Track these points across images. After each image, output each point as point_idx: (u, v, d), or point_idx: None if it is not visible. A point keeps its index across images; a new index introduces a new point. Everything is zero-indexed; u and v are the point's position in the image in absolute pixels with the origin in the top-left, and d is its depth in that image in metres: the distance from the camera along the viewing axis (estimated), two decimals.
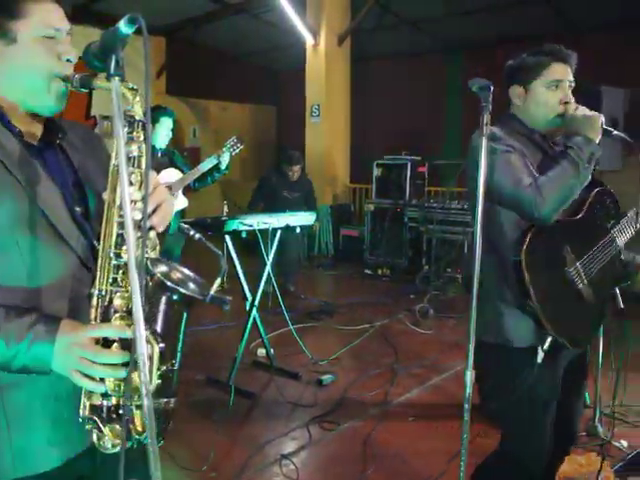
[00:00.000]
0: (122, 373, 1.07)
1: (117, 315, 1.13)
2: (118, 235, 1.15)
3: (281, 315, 4.75)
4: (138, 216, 1.10)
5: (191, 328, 4.66)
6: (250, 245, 4.65)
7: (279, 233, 4.47)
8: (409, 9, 9.81)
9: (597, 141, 2.01)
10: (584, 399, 2.28)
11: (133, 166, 1.13)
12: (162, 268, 1.16)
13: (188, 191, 4.77)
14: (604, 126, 2.04)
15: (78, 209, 1.27)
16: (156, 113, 4.56)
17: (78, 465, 1.26)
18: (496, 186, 1.93)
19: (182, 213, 4.85)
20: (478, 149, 1.85)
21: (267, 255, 4.37)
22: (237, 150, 4.64)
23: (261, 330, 4.46)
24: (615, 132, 2.10)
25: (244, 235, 4.12)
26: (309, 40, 9.83)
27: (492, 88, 1.74)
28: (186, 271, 1.23)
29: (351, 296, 7.04)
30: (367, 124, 11.18)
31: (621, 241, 2.18)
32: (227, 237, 4.16)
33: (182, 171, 4.59)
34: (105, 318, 1.14)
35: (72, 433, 1.20)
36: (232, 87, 12.68)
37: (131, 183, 1.14)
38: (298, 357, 4.76)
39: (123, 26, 0.92)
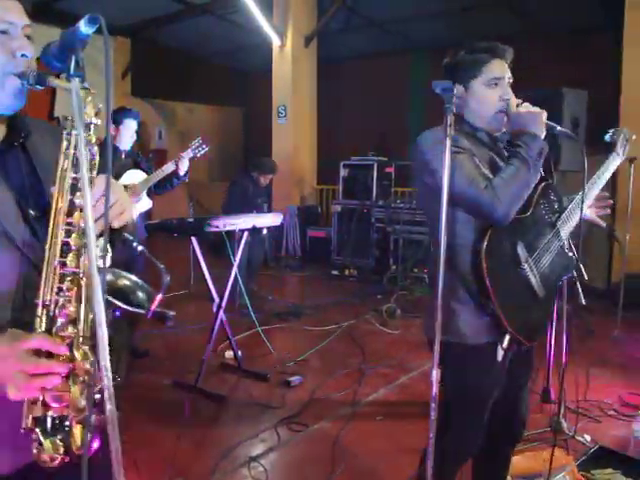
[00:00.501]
0: (56, 381, 1.04)
1: (60, 325, 1.10)
2: (64, 243, 1.12)
3: (248, 317, 4.73)
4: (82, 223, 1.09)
5: (156, 331, 4.64)
6: (217, 246, 4.62)
7: (246, 235, 4.45)
8: (375, 10, 9.87)
9: (542, 136, 2.03)
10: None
11: (76, 168, 1.11)
12: (107, 277, 1.12)
13: (152, 194, 4.73)
14: (547, 122, 2.07)
15: (33, 212, 1.23)
16: (120, 115, 4.50)
17: (31, 476, 1.20)
18: (454, 189, 1.90)
19: (147, 215, 4.80)
20: (425, 152, 1.99)
21: (234, 256, 4.34)
22: (202, 152, 4.61)
23: (228, 332, 4.43)
24: (559, 128, 2.12)
25: (210, 237, 4.09)
26: (276, 41, 9.82)
27: (455, 90, 1.76)
28: (133, 278, 1.19)
29: (318, 297, 7.05)
30: (334, 125, 11.22)
31: (565, 233, 2.21)
32: (193, 239, 4.13)
33: (146, 173, 4.55)
34: (49, 328, 1.10)
35: (19, 443, 1.15)
36: (198, 88, 12.61)
37: (74, 187, 1.13)
38: (266, 359, 4.75)
39: (83, 26, 0.90)
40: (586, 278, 3.60)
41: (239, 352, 4.54)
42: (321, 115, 10.50)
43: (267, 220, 4.60)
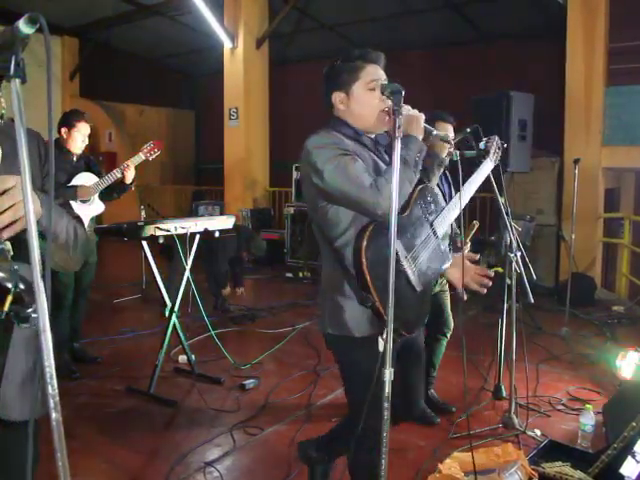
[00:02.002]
0: None
1: None
2: None
3: (201, 320, 4.69)
4: None
5: (107, 337, 4.55)
6: (170, 250, 4.58)
7: (197, 238, 4.41)
8: (326, 13, 9.92)
9: (421, 138, 2.13)
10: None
11: None
12: None
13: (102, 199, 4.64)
14: (425, 125, 2.16)
15: None
16: (73, 117, 4.40)
17: None
18: (337, 188, 2.04)
19: (98, 218, 4.71)
20: (312, 153, 2.10)
21: (186, 260, 4.30)
22: (154, 155, 4.55)
23: (181, 336, 4.38)
24: (435, 132, 2.20)
25: (161, 241, 4.04)
26: (227, 43, 9.76)
27: (403, 92, 1.78)
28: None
29: (273, 300, 7.04)
30: (286, 127, 11.20)
31: (441, 231, 2.33)
32: (144, 243, 4.07)
33: (98, 176, 4.46)
34: None
35: None
36: (149, 90, 12.46)
37: None
38: (220, 362, 4.71)
39: (23, 25, 0.88)
40: (534, 277, 3.71)
41: (192, 356, 4.49)
42: (273, 117, 10.48)
43: (219, 223, 4.56)
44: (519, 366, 3.72)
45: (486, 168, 2.94)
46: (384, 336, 1.99)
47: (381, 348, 1.98)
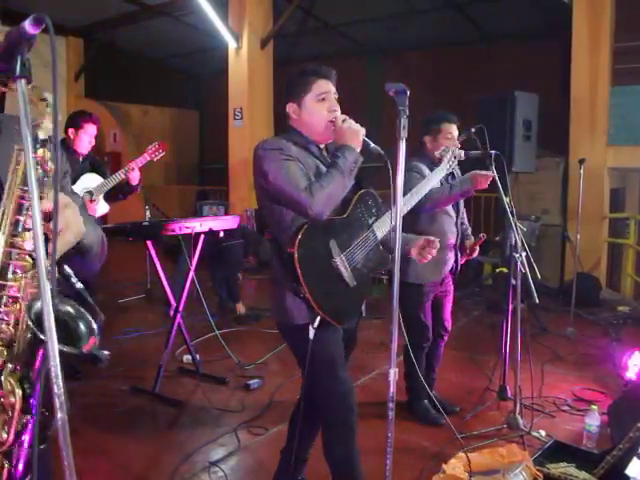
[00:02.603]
0: None
1: None
2: (5, 265, 1.09)
3: (206, 320, 4.69)
4: (29, 246, 1.07)
5: (113, 337, 4.57)
6: (174, 250, 4.58)
7: (202, 238, 4.41)
8: (330, 13, 9.91)
9: (358, 150, 2.34)
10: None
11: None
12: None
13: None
14: (365, 139, 2.35)
15: None
16: (80, 119, 4.40)
17: None
18: (278, 189, 2.27)
19: (103, 219, 4.72)
20: (260, 156, 2.33)
21: (190, 260, 4.31)
22: (158, 156, 4.56)
23: (186, 336, 4.39)
24: (372, 145, 2.33)
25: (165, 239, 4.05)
26: (231, 43, 9.75)
27: (409, 92, 1.78)
28: (77, 306, 1.15)
29: None
30: (290, 127, 11.21)
31: (381, 233, 2.53)
32: (149, 243, 4.08)
33: (103, 177, 4.46)
34: None
35: None
36: (153, 90, 12.46)
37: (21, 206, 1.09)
38: (224, 362, 4.71)
39: (28, 26, 0.88)
40: (539, 277, 3.70)
41: (197, 356, 4.50)
42: (278, 117, 10.47)
43: (224, 223, 4.57)
44: (524, 366, 3.71)
45: (437, 176, 3.13)
46: (315, 325, 2.27)
47: (311, 335, 2.27)
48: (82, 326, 1.15)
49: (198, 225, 4.24)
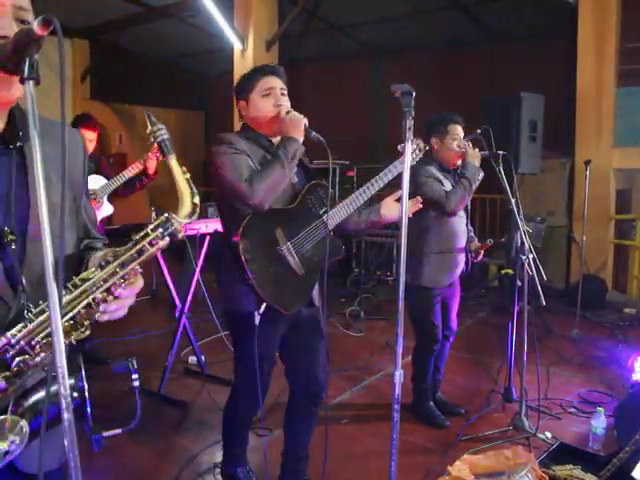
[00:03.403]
0: None
1: (10, 372, 1.07)
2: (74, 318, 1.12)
3: (212, 321, 4.69)
4: (104, 317, 1.12)
5: (118, 338, 4.56)
6: (180, 251, 4.58)
7: (207, 239, 4.42)
8: (335, 14, 9.91)
9: (301, 140, 2.44)
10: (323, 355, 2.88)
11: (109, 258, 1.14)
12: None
13: (115, 197, 4.64)
14: (307, 128, 2.46)
15: (7, 229, 1.13)
16: (76, 123, 4.39)
17: None
18: (224, 181, 2.37)
19: (108, 220, 4.73)
20: (213, 151, 2.40)
21: (196, 261, 4.31)
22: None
23: (191, 337, 4.39)
24: (314, 133, 2.44)
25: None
26: (237, 45, 9.76)
27: (414, 93, 1.77)
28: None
29: None
30: None
31: (331, 224, 2.59)
32: None
33: (107, 177, 4.47)
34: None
35: None
36: (159, 92, 12.47)
37: (101, 266, 1.13)
38: (230, 364, 4.68)
39: (36, 27, 0.88)
40: (545, 279, 3.70)
41: (202, 357, 4.50)
42: None
43: None
44: (530, 368, 3.70)
45: (398, 168, 3.01)
46: (260, 311, 2.35)
47: (257, 321, 2.35)
48: None
49: (203, 226, 4.25)
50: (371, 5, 9.07)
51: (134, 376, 1.29)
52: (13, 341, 1.07)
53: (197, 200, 1.26)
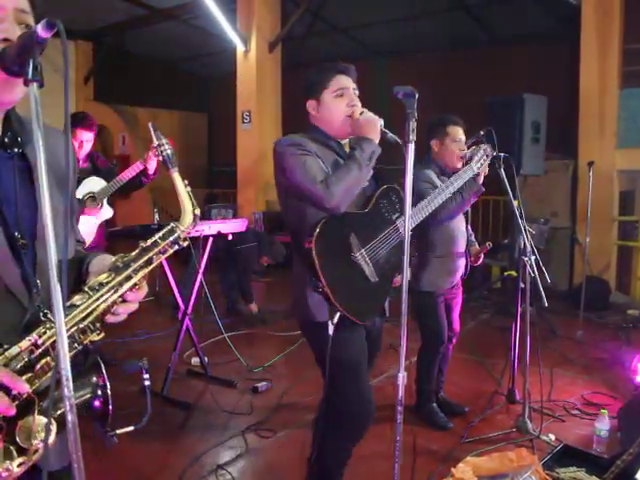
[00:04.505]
0: None
1: (33, 373, 1.08)
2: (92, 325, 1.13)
3: (214, 323, 4.70)
4: (110, 319, 1.15)
5: (121, 340, 4.56)
6: (184, 252, 4.59)
7: (210, 242, 4.42)
8: (338, 16, 9.92)
9: (377, 141, 2.31)
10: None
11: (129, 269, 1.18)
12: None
13: (115, 197, 4.59)
14: (382, 129, 2.33)
15: (18, 234, 1.14)
16: (72, 123, 4.33)
17: None
18: (296, 184, 2.27)
19: (111, 222, 4.72)
20: (279, 153, 2.33)
21: (199, 263, 4.32)
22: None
23: (194, 338, 4.40)
24: (390, 134, 2.32)
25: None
26: (240, 47, 9.79)
27: (417, 95, 1.77)
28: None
29: (285, 302, 7.02)
30: (298, 130, 11.18)
31: (404, 229, 2.43)
32: None
33: (104, 177, 4.40)
34: (23, 368, 1.07)
35: None
36: (162, 94, 12.49)
37: (116, 272, 1.17)
38: (233, 365, 4.72)
39: (40, 30, 0.88)
40: (549, 280, 3.69)
41: (206, 359, 4.51)
42: (286, 120, 10.49)
43: (232, 226, 4.58)
44: (533, 370, 3.69)
45: (466, 175, 3.09)
46: (334, 320, 2.21)
47: (330, 332, 2.21)
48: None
49: (207, 228, 4.25)
50: (374, 6, 9.08)
51: (145, 376, 1.31)
52: (40, 342, 1.08)
53: (198, 212, 1.33)
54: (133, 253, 1.23)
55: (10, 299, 1.13)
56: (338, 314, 2.22)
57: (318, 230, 2.18)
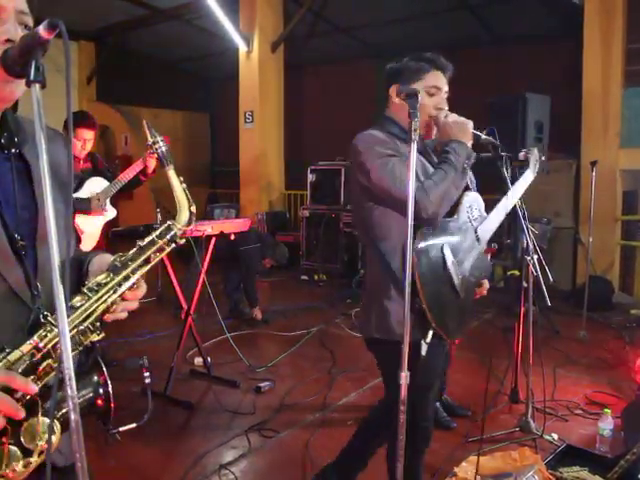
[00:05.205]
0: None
1: (35, 375, 1.08)
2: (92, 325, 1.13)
3: (217, 323, 4.70)
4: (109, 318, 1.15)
5: (123, 339, 4.56)
6: (186, 252, 4.59)
7: (213, 243, 4.42)
8: (341, 16, 9.91)
9: (469, 144, 2.14)
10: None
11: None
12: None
13: (120, 195, 4.58)
14: (473, 131, 2.18)
15: (17, 236, 1.14)
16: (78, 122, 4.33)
17: None
18: (383, 189, 2.05)
19: (113, 222, 4.72)
20: (361, 152, 2.09)
21: (201, 263, 4.32)
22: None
23: (197, 338, 4.40)
24: (483, 137, 2.21)
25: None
26: (242, 47, 9.79)
27: (419, 95, 1.77)
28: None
29: (288, 302, 7.04)
30: (301, 130, 11.22)
31: (483, 240, 2.33)
32: None
33: (105, 177, 4.40)
34: (25, 371, 1.07)
35: None
36: (164, 94, 12.50)
37: (114, 272, 1.17)
38: (235, 365, 4.72)
39: (42, 31, 0.88)
40: (552, 280, 3.69)
41: (208, 359, 4.51)
42: (288, 120, 10.49)
43: (235, 226, 4.58)
44: (536, 370, 3.69)
45: (528, 178, 2.90)
46: (427, 339, 2.02)
47: (424, 352, 2.01)
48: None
49: (209, 228, 4.25)
50: (376, 6, 9.07)
51: (146, 374, 1.31)
52: (41, 345, 1.08)
53: (194, 209, 1.29)
54: (130, 252, 1.22)
55: (15, 300, 1.13)
56: (431, 332, 2.05)
57: (418, 241, 2.00)
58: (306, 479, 3.08)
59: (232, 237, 4.59)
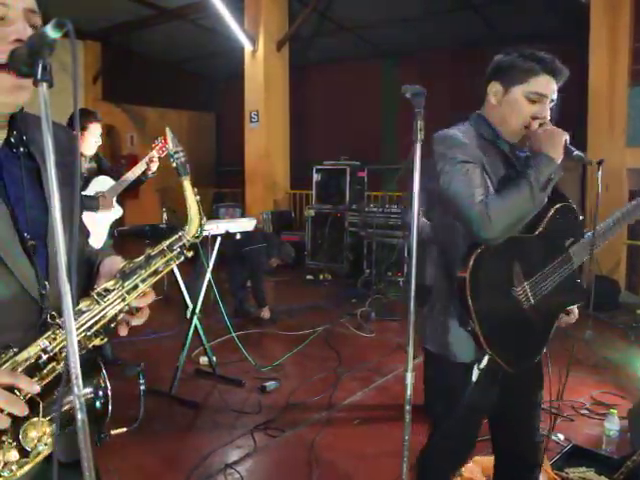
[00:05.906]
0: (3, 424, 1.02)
1: (39, 376, 1.08)
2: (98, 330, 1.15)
3: (223, 322, 4.70)
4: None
5: (129, 339, 4.55)
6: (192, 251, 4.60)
7: (218, 242, 4.43)
8: (346, 15, 9.91)
9: (558, 161, 1.88)
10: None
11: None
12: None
13: (126, 195, 4.60)
14: (568, 145, 1.91)
15: (28, 235, 1.13)
16: (85, 119, 4.34)
17: None
18: (449, 196, 1.83)
19: (118, 221, 4.73)
20: (435, 153, 1.88)
21: (207, 262, 4.32)
22: (165, 152, 4.53)
23: (203, 338, 4.40)
24: (576, 152, 1.93)
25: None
26: (247, 46, 9.80)
27: (426, 94, 1.76)
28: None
29: (293, 302, 7.04)
30: (306, 130, 11.22)
31: (577, 261, 2.10)
32: None
33: (111, 176, 4.41)
34: (31, 371, 1.08)
35: None
36: (170, 93, 12.53)
37: (123, 279, 1.17)
38: (241, 364, 4.72)
39: (50, 30, 0.88)
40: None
41: (214, 358, 4.51)
42: (293, 119, 10.50)
43: (240, 225, 4.58)
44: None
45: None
46: (481, 365, 1.84)
47: (474, 377, 1.85)
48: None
49: (215, 227, 4.26)
50: (382, 6, 9.07)
51: (141, 381, 1.32)
52: (49, 348, 1.09)
53: (204, 221, 1.30)
54: (139, 260, 1.22)
55: (27, 299, 1.13)
56: (487, 358, 1.84)
57: (476, 257, 1.79)
58: (312, 478, 3.08)
59: (237, 236, 4.59)
